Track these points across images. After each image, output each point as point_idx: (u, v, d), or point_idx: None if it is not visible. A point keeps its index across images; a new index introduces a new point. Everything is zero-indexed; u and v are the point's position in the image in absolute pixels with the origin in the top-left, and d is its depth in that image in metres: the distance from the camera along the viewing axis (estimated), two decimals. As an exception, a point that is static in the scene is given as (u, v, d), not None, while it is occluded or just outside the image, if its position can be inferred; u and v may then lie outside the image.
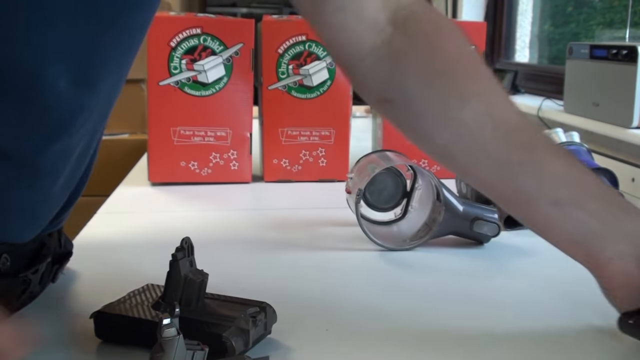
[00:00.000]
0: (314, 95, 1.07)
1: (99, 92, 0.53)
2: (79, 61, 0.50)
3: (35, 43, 0.46)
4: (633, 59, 1.17)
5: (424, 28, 0.58)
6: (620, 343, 0.53)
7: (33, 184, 0.53)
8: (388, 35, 0.56)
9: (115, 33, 0.52)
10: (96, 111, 0.55)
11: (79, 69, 0.50)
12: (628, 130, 1.17)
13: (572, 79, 1.42)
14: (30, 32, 0.46)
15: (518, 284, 0.67)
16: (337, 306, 0.61)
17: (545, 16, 2.30)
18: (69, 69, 0.49)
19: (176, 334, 0.42)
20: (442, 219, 0.76)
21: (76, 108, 0.52)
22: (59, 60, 0.48)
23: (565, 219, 0.53)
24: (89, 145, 0.59)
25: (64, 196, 0.59)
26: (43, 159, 0.52)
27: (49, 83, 0.48)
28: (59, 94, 0.49)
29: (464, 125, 0.55)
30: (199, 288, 0.51)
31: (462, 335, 0.55)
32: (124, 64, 0.56)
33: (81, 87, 0.51)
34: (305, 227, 0.85)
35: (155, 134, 1.04)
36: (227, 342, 0.47)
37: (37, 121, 0.50)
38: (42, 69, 0.47)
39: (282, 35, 1.05)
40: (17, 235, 0.55)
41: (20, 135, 0.49)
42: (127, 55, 0.55)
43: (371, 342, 0.54)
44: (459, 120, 0.55)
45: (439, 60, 0.57)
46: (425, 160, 1.10)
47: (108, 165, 0.88)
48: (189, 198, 1.00)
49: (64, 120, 0.51)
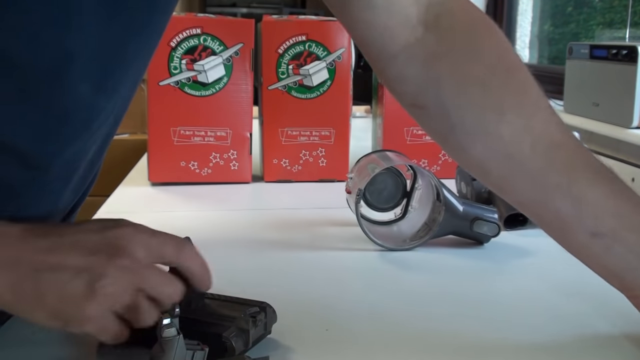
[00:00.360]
0: (314, 95, 1.07)
1: (117, 97, 0.53)
2: (104, 67, 0.49)
3: (63, 48, 0.45)
4: (633, 59, 1.17)
5: (459, 28, 0.55)
6: (620, 344, 0.53)
7: (45, 187, 0.52)
8: (421, 34, 0.54)
9: (141, 39, 0.51)
10: (112, 116, 0.54)
11: (102, 75, 0.49)
12: (628, 130, 1.17)
13: (572, 79, 1.42)
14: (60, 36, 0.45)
15: (518, 284, 0.67)
16: (337, 306, 0.61)
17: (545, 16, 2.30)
18: (92, 74, 0.48)
19: (176, 334, 0.42)
20: (442, 219, 0.76)
21: (94, 113, 0.51)
22: (84, 65, 0.47)
23: (603, 251, 0.51)
24: (102, 150, 0.59)
25: (72, 199, 0.59)
26: (57, 162, 0.52)
27: (72, 87, 0.47)
28: (80, 99, 0.48)
29: (501, 140, 0.52)
30: None
31: (462, 335, 0.55)
32: (142, 69, 0.55)
33: (101, 93, 0.50)
34: (305, 227, 0.85)
35: (155, 134, 1.04)
36: (227, 342, 0.47)
37: (56, 125, 0.49)
38: (67, 73, 0.46)
39: (282, 35, 1.05)
40: None
41: (39, 138, 0.49)
42: (146, 60, 0.55)
43: (371, 342, 0.54)
44: (496, 135, 0.52)
45: (475, 65, 0.54)
46: (425, 160, 1.10)
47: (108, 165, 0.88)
48: (189, 198, 1.00)
49: (82, 125, 0.51)
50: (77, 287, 0.42)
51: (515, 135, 0.52)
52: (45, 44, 0.44)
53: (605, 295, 0.55)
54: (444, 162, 1.11)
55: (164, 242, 0.46)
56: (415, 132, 1.10)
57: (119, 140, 2.01)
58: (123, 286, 0.43)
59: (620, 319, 0.56)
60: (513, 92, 0.53)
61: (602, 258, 0.51)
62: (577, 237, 0.52)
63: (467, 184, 0.90)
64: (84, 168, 0.57)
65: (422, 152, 1.10)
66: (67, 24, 0.44)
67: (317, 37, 1.06)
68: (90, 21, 0.45)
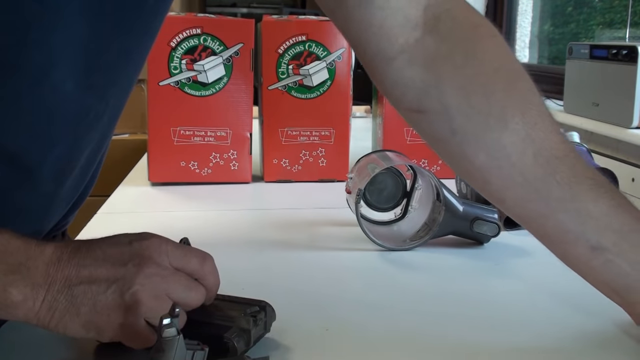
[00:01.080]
0: (314, 95, 1.07)
1: (109, 97, 0.53)
2: (89, 66, 0.49)
3: (48, 45, 0.46)
4: (633, 59, 1.17)
5: (460, 30, 0.53)
6: (621, 344, 0.53)
7: (37, 189, 0.53)
8: (420, 35, 0.52)
9: (129, 38, 0.51)
10: (106, 116, 0.54)
11: (88, 73, 0.49)
12: (628, 130, 1.17)
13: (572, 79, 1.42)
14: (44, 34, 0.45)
15: (518, 284, 0.67)
16: (337, 306, 0.61)
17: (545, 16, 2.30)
18: (77, 73, 0.48)
19: (176, 334, 0.42)
20: (442, 219, 0.76)
21: (82, 111, 0.51)
22: (68, 63, 0.47)
23: (604, 267, 0.50)
24: (97, 152, 0.58)
25: (69, 201, 0.59)
26: (48, 164, 0.52)
27: (57, 85, 0.48)
28: (65, 97, 0.49)
29: (504, 149, 0.50)
30: None
31: (461, 335, 0.55)
32: (135, 69, 0.55)
33: (87, 91, 0.50)
34: (305, 227, 0.85)
35: (155, 134, 1.04)
36: (229, 343, 0.47)
37: (41, 123, 0.49)
38: (51, 71, 0.47)
39: (282, 35, 1.05)
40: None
41: (25, 137, 0.49)
42: (139, 60, 0.55)
43: (371, 342, 0.54)
44: (500, 144, 0.51)
45: (478, 70, 0.52)
46: (425, 160, 1.10)
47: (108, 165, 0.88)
48: (189, 198, 1.00)
49: (69, 123, 0.51)
50: (109, 297, 0.44)
51: (519, 144, 0.50)
52: (31, 42, 0.45)
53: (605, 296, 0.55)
54: (444, 162, 1.11)
55: (188, 253, 0.48)
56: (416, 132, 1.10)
57: (119, 140, 2.01)
58: (152, 293, 0.44)
59: (620, 318, 0.56)
60: (516, 99, 0.52)
61: (602, 273, 0.51)
62: (577, 250, 0.51)
63: (467, 184, 0.90)
64: (79, 170, 0.56)
65: (422, 152, 1.10)
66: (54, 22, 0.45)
67: (317, 37, 1.06)
68: (76, 20, 0.46)
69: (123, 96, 0.56)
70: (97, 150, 0.58)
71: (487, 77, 0.52)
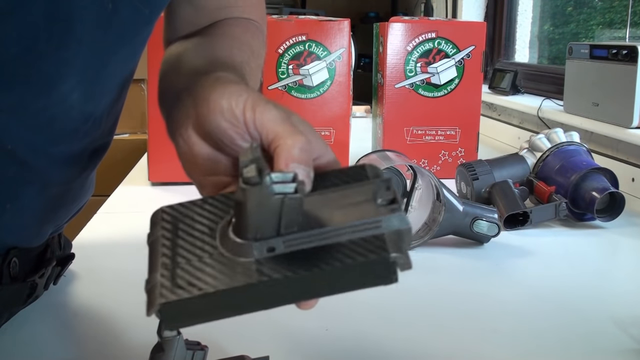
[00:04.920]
0: (314, 95, 1.07)
1: (105, 104, 0.54)
2: (94, 77, 0.50)
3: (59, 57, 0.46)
4: (633, 59, 1.17)
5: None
6: (621, 343, 0.53)
7: (44, 191, 0.53)
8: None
9: (130, 48, 0.52)
10: (103, 121, 0.55)
11: (92, 84, 0.50)
12: (628, 130, 1.17)
13: (572, 79, 1.42)
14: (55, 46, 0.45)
15: (518, 284, 0.67)
16: (337, 306, 0.61)
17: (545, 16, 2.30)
18: (83, 84, 0.49)
19: (176, 334, 0.42)
20: (442, 219, 0.76)
21: (82, 120, 0.52)
22: (75, 74, 0.48)
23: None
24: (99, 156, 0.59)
25: (74, 203, 0.60)
26: (51, 166, 0.52)
27: (64, 97, 0.48)
28: (70, 107, 0.49)
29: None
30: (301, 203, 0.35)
31: (462, 335, 0.55)
32: (130, 75, 0.56)
33: (89, 101, 0.51)
34: (305, 227, 0.85)
35: (155, 134, 1.04)
36: (398, 261, 0.36)
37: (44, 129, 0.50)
38: (59, 83, 0.47)
39: (282, 35, 1.05)
40: (29, 240, 0.55)
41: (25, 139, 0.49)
42: (132, 65, 0.56)
43: (371, 342, 0.54)
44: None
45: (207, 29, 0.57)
46: (425, 160, 1.10)
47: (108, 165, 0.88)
48: (188, 198, 0.99)
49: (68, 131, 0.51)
50: None
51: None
52: (42, 55, 0.45)
53: (605, 295, 0.55)
54: (444, 162, 1.11)
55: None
56: (415, 132, 1.10)
57: (119, 140, 2.01)
58: None
59: (620, 318, 0.56)
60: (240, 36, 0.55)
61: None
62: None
63: (467, 184, 0.90)
64: (83, 174, 0.57)
65: (422, 152, 1.10)
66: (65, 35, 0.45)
67: (317, 37, 1.06)
68: (87, 33, 0.46)
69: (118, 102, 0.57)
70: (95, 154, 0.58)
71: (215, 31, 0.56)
